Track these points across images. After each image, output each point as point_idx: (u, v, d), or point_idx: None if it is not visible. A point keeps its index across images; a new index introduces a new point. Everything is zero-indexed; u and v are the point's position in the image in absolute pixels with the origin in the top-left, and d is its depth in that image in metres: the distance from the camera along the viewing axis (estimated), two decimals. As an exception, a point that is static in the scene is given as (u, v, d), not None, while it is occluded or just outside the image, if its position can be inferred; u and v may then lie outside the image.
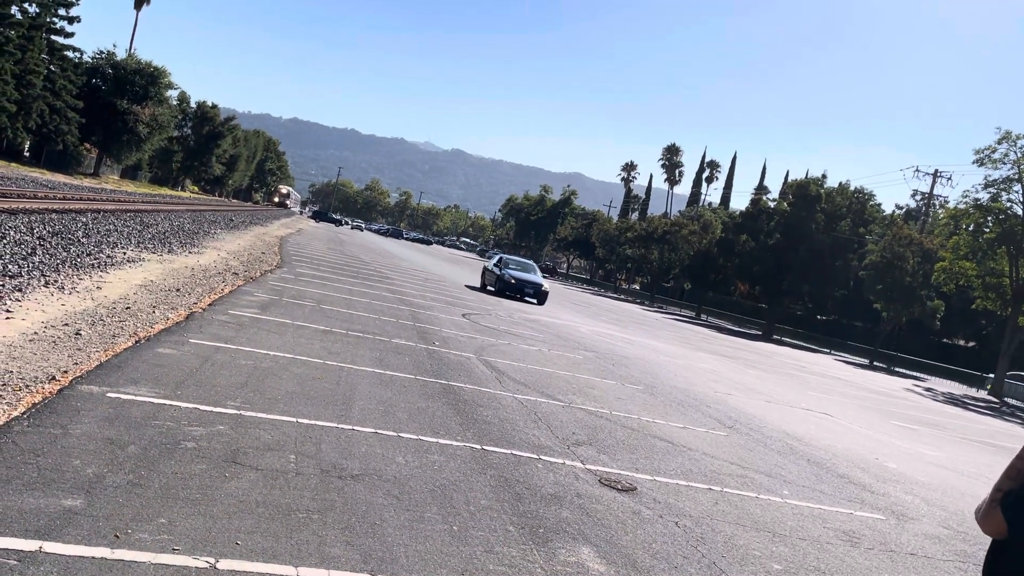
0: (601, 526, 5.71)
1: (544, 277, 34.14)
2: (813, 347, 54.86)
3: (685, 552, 5.56)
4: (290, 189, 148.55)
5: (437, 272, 40.54)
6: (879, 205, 58.22)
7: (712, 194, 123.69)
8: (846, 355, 52.86)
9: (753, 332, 58.26)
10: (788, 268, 53.57)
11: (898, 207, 71.40)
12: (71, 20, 56.91)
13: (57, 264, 12.66)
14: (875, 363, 49.03)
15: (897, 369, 48.13)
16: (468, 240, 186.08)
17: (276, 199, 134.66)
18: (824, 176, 57.93)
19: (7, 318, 8.17)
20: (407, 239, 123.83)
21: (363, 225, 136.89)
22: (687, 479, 7.64)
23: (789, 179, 76.67)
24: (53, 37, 56.12)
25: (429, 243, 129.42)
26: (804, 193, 54.94)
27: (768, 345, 43.77)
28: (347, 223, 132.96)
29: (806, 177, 60.55)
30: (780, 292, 56.43)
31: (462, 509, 5.42)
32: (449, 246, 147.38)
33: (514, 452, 7.21)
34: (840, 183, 57.34)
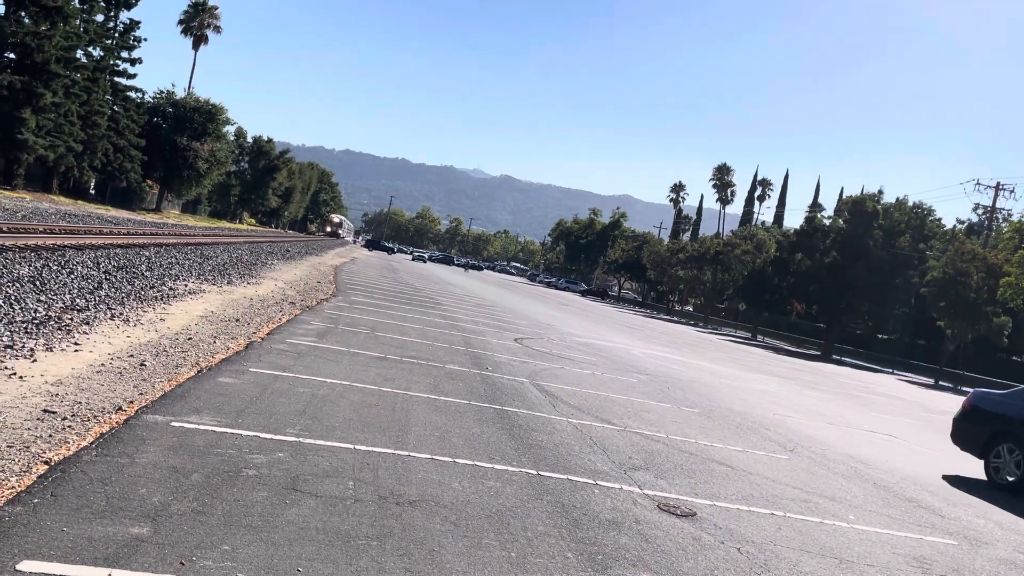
0: (661, 552, 5.61)
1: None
2: (875, 367, 53.41)
3: (748, 579, 5.43)
4: (342, 218, 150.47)
5: (489, 298, 40.68)
6: (939, 220, 56.67)
7: (765, 213, 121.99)
8: (909, 374, 51.31)
9: (811, 352, 56.99)
10: (846, 286, 52.38)
11: (959, 221, 69.33)
12: (133, 62, 59.22)
13: (122, 297, 13.06)
14: (940, 382, 47.48)
15: (964, 388, 46.47)
16: (518, 264, 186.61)
17: (328, 229, 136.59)
18: (881, 192, 56.68)
19: (76, 351, 8.45)
20: (457, 265, 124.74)
21: (426, 255, 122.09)
22: (748, 504, 7.48)
23: (844, 196, 75.17)
24: (116, 79, 58.40)
25: (480, 268, 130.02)
26: (860, 209, 53.80)
27: (827, 365, 42.75)
28: (408, 252, 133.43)
29: (862, 193, 59.27)
30: (838, 311, 55.15)
31: (520, 535, 5.39)
32: (499, 271, 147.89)
33: (570, 477, 7.16)
34: (898, 198, 56.05)
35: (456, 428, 8.29)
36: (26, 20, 42.64)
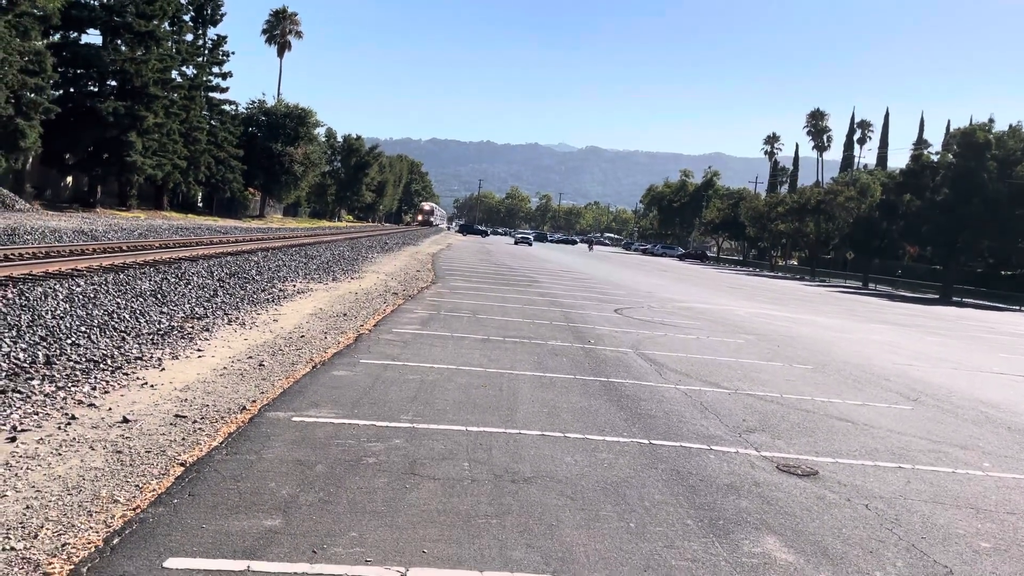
0: (784, 514, 5.50)
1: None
2: (1000, 305, 50.47)
3: (880, 535, 5.26)
4: (433, 205, 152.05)
5: (585, 271, 40.56)
6: (1060, 143, 52.85)
7: (866, 156, 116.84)
8: (1040, 311, 48.24)
9: (929, 296, 54.33)
10: (961, 224, 49.60)
11: (1084, 142, 64.33)
12: (224, 76, 61.47)
13: (236, 302, 13.69)
14: (1076, 316, 44.44)
15: (1104, 320, 43.39)
16: (612, 235, 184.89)
17: (420, 217, 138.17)
18: (991, 120, 53.31)
19: (199, 356, 8.92)
20: (551, 241, 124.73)
21: (531, 236, 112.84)
22: (873, 459, 7.23)
23: (951, 129, 70.98)
24: (211, 94, 60.85)
25: (573, 242, 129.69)
26: (971, 141, 50.72)
27: (947, 308, 40.66)
28: (503, 233, 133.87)
29: (971, 124, 55.82)
30: (955, 250, 52.34)
31: (636, 505, 5.38)
32: (596, 243, 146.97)
33: (683, 444, 7.09)
34: (1011, 125, 52.54)
35: (564, 403, 8.33)
36: (122, 48, 44.90)
